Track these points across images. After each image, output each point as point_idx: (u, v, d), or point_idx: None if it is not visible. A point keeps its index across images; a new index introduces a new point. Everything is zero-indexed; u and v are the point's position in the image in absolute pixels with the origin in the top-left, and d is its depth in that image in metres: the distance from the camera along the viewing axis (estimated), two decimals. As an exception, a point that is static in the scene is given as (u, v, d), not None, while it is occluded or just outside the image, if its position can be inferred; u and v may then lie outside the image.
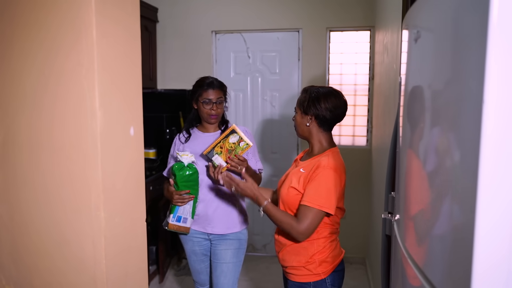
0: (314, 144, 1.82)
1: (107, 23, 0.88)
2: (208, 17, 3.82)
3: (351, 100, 3.79)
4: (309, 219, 1.65)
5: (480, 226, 0.69)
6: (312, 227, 1.66)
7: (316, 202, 1.64)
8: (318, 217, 1.66)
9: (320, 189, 1.65)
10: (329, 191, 1.65)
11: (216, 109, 2.18)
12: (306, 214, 1.65)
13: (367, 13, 3.61)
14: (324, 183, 1.66)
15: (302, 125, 1.81)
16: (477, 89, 0.69)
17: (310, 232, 1.67)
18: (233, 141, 2.00)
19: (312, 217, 1.65)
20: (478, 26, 0.70)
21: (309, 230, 1.66)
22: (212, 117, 2.19)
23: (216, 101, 2.18)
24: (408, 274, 1.11)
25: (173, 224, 2.13)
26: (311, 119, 1.77)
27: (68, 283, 0.95)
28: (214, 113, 2.18)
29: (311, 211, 1.65)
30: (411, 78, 1.17)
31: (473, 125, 0.70)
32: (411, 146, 1.13)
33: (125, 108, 0.97)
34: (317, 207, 1.64)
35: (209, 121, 2.22)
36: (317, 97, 1.75)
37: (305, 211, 1.66)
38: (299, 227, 1.66)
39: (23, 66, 0.93)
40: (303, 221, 1.65)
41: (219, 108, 2.19)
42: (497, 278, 0.70)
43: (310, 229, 1.66)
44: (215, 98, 2.17)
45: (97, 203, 0.88)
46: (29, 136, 0.94)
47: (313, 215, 1.65)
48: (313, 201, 1.64)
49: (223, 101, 2.22)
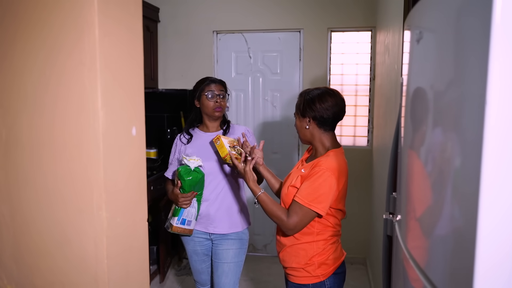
0: (317, 147, 1.81)
1: (109, 23, 0.88)
2: (209, 17, 3.83)
3: (352, 101, 3.79)
4: (299, 216, 1.66)
5: (483, 226, 0.69)
6: (301, 224, 1.68)
7: (307, 200, 1.64)
8: (308, 215, 1.67)
9: (313, 188, 1.65)
10: (322, 192, 1.65)
11: (220, 102, 2.19)
12: (296, 211, 1.67)
13: (368, 13, 3.61)
14: (318, 183, 1.65)
15: (302, 128, 1.81)
16: (479, 90, 0.69)
17: (298, 228, 1.70)
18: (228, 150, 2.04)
19: (302, 214, 1.66)
20: (481, 27, 0.70)
21: (298, 227, 1.68)
22: (217, 109, 2.19)
23: (219, 93, 2.19)
24: (409, 274, 1.11)
25: (177, 227, 2.12)
26: (309, 122, 1.77)
27: (69, 282, 0.95)
28: (218, 105, 2.18)
29: (302, 209, 1.66)
30: (413, 78, 1.16)
31: (475, 126, 0.70)
32: (413, 147, 1.13)
33: (127, 107, 0.97)
34: (307, 205, 1.64)
35: (213, 114, 2.21)
36: (311, 99, 1.76)
37: (296, 208, 1.67)
38: (288, 222, 1.68)
39: (25, 65, 0.93)
40: (293, 217, 1.67)
41: (222, 101, 2.20)
42: (499, 278, 0.69)
43: (299, 226, 1.68)
44: (217, 90, 2.20)
45: (99, 203, 0.88)
46: (31, 136, 0.94)
47: (302, 213, 1.65)
48: (305, 199, 1.65)
49: (225, 95, 2.23)
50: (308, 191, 1.65)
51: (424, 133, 1.01)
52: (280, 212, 1.72)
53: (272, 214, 1.74)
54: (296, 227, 1.68)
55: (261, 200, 1.78)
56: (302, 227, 1.69)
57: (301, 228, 1.70)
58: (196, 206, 2.14)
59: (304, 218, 1.66)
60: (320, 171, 1.66)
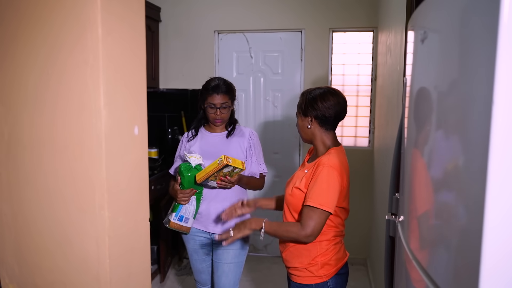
0: (318, 146, 1.81)
1: (112, 20, 0.88)
2: (210, 17, 3.82)
3: (353, 101, 3.78)
4: (314, 220, 1.64)
5: (489, 227, 0.68)
6: (318, 227, 1.65)
7: (318, 202, 1.63)
8: (323, 217, 1.65)
9: (321, 189, 1.64)
10: (329, 189, 1.64)
11: (220, 114, 2.16)
12: (310, 216, 1.64)
13: (370, 13, 3.60)
14: (324, 182, 1.64)
15: (304, 128, 1.81)
16: (486, 90, 0.68)
17: (317, 232, 1.66)
18: (227, 171, 2.00)
19: (317, 217, 1.64)
20: (487, 26, 0.69)
21: (316, 231, 1.65)
22: (217, 121, 2.19)
23: (221, 106, 2.16)
24: (412, 275, 1.10)
25: (175, 223, 2.13)
26: (311, 121, 1.77)
27: (71, 282, 0.94)
28: (218, 118, 2.17)
29: (315, 212, 1.64)
30: (417, 79, 1.16)
31: (481, 126, 0.69)
32: (417, 147, 1.12)
33: (130, 106, 0.96)
34: (319, 206, 1.63)
35: (214, 124, 2.23)
36: (313, 98, 1.76)
37: (309, 212, 1.65)
38: (305, 231, 1.64)
39: (26, 63, 0.92)
40: (308, 222, 1.64)
41: (223, 113, 2.17)
42: (506, 278, 0.69)
43: (316, 229, 1.65)
44: (219, 103, 2.16)
45: (101, 203, 0.88)
46: (32, 135, 0.94)
47: (317, 215, 1.64)
48: (316, 201, 1.63)
49: (228, 106, 2.19)
50: (317, 192, 1.64)
51: (428, 134, 1.00)
52: (290, 226, 1.70)
53: (285, 234, 1.70)
54: (314, 232, 1.64)
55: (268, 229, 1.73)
56: (319, 231, 1.66)
57: (319, 231, 1.66)
58: (195, 204, 2.14)
59: (319, 220, 1.65)
60: (324, 170, 1.66)
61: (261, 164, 2.28)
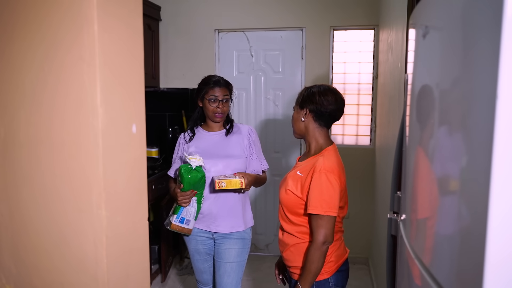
0: (311, 143, 1.82)
1: (109, 19, 0.87)
2: (211, 16, 3.81)
3: (355, 99, 3.77)
4: (324, 227, 1.65)
5: (492, 225, 0.67)
6: (329, 233, 1.66)
7: (323, 209, 1.64)
8: (331, 222, 1.66)
9: (323, 196, 1.65)
10: (330, 194, 1.65)
11: (222, 107, 2.17)
12: (320, 224, 1.66)
13: (371, 11, 3.58)
14: (325, 189, 1.65)
15: (298, 120, 1.82)
16: (489, 86, 0.67)
17: (330, 238, 1.66)
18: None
19: (325, 223, 1.65)
20: (490, 22, 0.68)
21: (329, 237, 1.66)
22: (218, 115, 2.18)
23: (222, 99, 2.17)
24: (414, 274, 1.09)
25: (176, 225, 2.12)
26: (306, 114, 1.77)
27: (69, 283, 0.93)
28: (220, 111, 2.17)
29: (323, 219, 1.65)
30: (419, 76, 1.15)
31: (485, 123, 0.68)
32: (419, 145, 1.11)
33: (127, 105, 0.95)
34: (325, 213, 1.64)
35: (214, 119, 2.20)
36: (312, 92, 1.78)
37: (317, 221, 1.66)
38: (317, 240, 1.65)
39: (24, 61, 0.91)
40: (319, 231, 1.65)
41: (225, 107, 2.18)
42: (510, 276, 0.68)
43: (329, 235, 1.66)
44: (221, 96, 2.16)
45: (98, 202, 0.87)
46: (28, 133, 0.93)
47: (324, 222, 1.65)
48: (320, 208, 1.64)
49: (229, 99, 2.21)
50: (320, 199, 1.64)
51: (431, 132, 0.99)
52: (309, 255, 1.66)
53: (316, 263, 1.65)
54: (327, 238, 1.65)
55: (311, 280, 1.68)
56: (332, 235, 1.67)
57: (332, 236, 1.66)
58: (196, 206, 2.12)
59: (329, 226, 1.65)
60: (322, 176, 1.66)
61: (262, 160, 2.28)
